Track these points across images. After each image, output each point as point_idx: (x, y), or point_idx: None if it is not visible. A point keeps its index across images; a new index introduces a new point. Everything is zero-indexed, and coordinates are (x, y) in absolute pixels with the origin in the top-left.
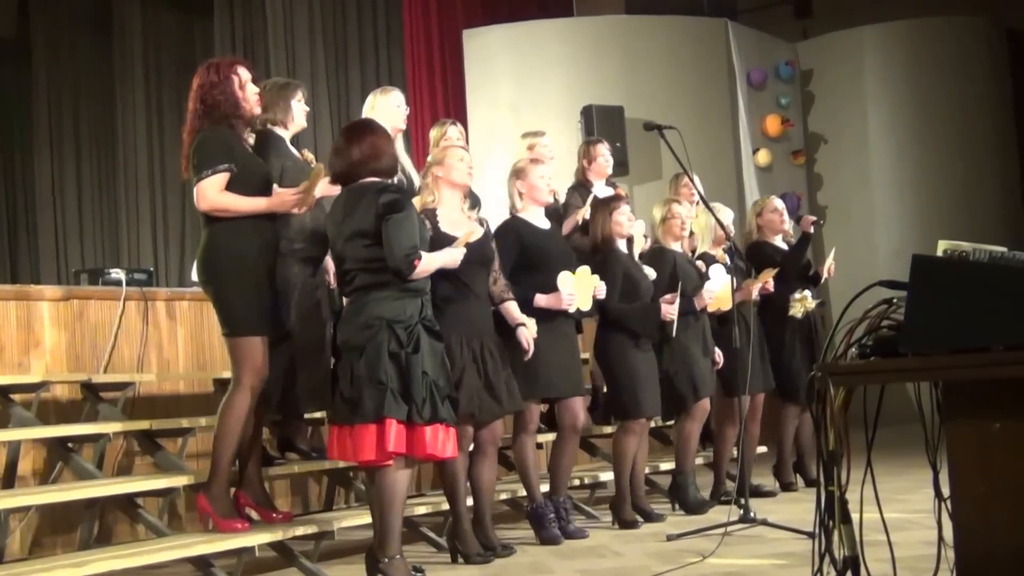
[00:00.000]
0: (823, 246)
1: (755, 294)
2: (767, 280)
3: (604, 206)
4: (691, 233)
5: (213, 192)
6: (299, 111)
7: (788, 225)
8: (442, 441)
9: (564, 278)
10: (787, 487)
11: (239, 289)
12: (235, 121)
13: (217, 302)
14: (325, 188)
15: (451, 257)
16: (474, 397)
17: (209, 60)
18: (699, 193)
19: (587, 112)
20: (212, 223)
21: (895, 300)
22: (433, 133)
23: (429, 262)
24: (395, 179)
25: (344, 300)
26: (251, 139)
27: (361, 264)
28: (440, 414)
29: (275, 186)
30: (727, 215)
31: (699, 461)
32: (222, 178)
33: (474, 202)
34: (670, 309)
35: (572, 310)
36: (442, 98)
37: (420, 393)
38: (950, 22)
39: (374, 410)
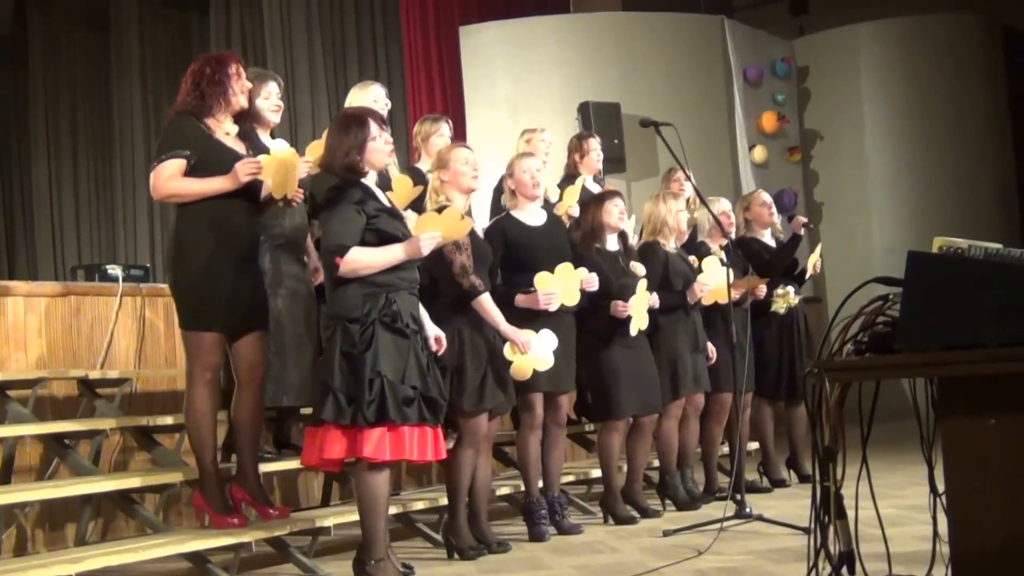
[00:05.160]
0: (820, 243)
1: (736, 295)
2: (756, 286)
3: (596, 198)
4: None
5: (162, 179)
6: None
7: (777, 219)
8: (410, 444)
9: (541, 278)
10: (778, 484)
11: (194, 282)
12: (216, 107)
13: (173, 293)
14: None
15: (410, 249)
16: (477, 391)
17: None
18: (695, 189)
19: (584, 109)
20: (179, 210)
21: (891, 296)
22: (418, 129)
23: (369, 257)
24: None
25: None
26: (234, 129)
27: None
28: (389, 414)
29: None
30: (725, 207)
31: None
32: (175, 164)
33: None
34: (619, 308)
35: (552, 309)
36: (440, 95)
37: (365, 395)
38: (945, 19)
39: (317, 413)
